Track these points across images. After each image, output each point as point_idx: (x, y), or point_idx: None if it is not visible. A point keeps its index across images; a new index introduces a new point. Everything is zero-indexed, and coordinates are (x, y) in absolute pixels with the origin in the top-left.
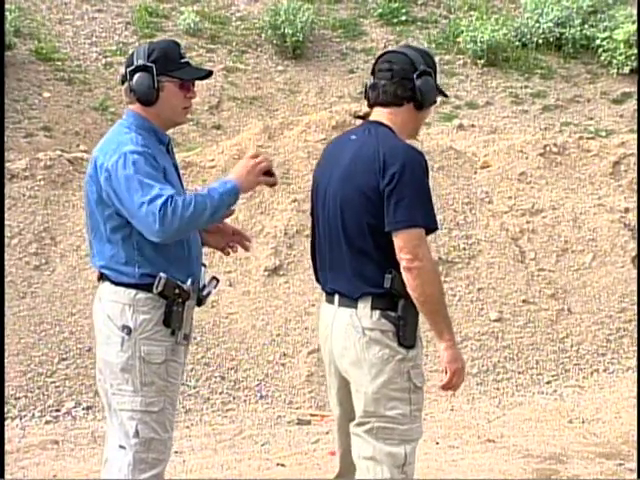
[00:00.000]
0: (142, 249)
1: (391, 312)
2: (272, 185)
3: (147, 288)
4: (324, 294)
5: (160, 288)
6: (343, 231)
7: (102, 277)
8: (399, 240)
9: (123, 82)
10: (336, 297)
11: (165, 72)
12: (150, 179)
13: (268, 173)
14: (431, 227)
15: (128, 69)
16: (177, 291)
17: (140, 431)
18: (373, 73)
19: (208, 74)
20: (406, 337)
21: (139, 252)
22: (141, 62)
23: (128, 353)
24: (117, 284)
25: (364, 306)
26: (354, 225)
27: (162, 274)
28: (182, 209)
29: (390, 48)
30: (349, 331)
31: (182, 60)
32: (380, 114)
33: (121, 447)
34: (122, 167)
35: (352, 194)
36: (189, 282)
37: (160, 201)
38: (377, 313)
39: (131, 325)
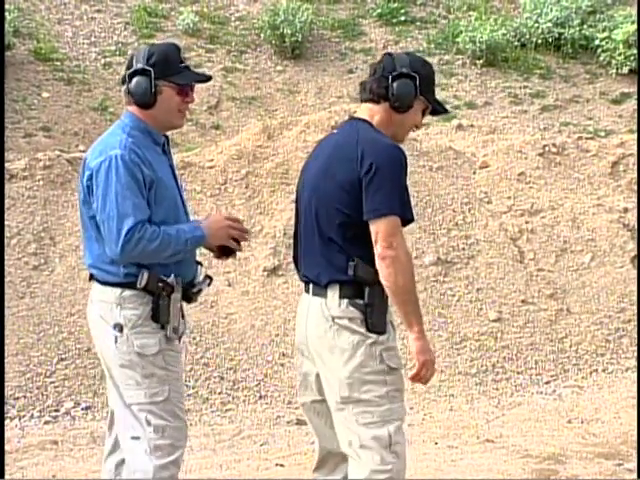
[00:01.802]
0: None
1: (358, 300)
2: (232, 253)
3: (132, 285)
4: (303, 284)
5: (144, 283)
6: (316, 220)
7: (91, 277)
8: (375, 228)
9: (123, 83)
10: (310, 286)
11: (163, 76)
12: (128, 192)
13: (237, 241)
14: (407, 217)
15: (127, 71)
16: (161, 284)
17: (151, 420)
18: None
19: (207, 79)
20: (374, 324)
21: None
22: (140, 65)
23: (123, 349)
24: (103, 283)
25: (333, 294)
26: (325, 214)
27: (144, 270)
28: (147, 241)
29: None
30: (320, 320)
31: (181, 64)
32: (362, 110)
33: (134, 438)
34: (104, 170)
35: (329, 187)
36: (172, 276)
37: (130, 223)
38: (345, 302)
39: (121, 322)
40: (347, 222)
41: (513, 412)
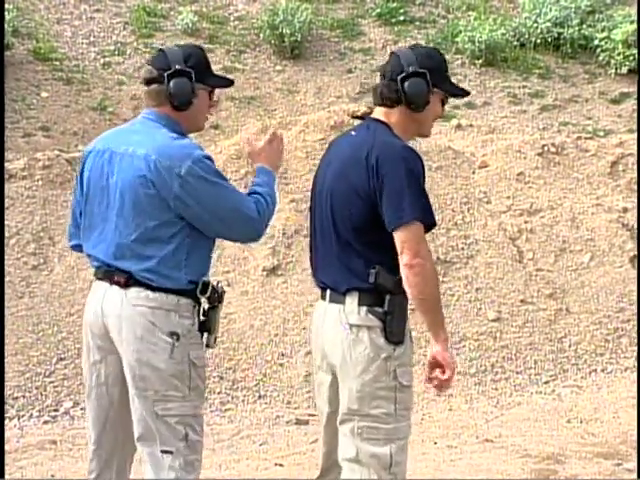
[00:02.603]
0: (191, 255)
1: (378, 308)
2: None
3: (189, 293)
4: (319, 290)
5: (208, 292)
6: (333, 225)
7: (130, 281)
8: (400, 237)
9: (149, 83)
10: (327, 293)
11: (201, 79)
12: (228, 183)
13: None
14: (430, 222)
15: (166, 72)
16: (216, 295)
17: (189, 434)
18: None
19: (232, 83)
20: (393, 333)
21: (188, 258)
22: (179, 67)
23: (178, 359)
24: (156, 289)
25: (351, 301)
26: (341, 218)
27: (209, 279)
28: (266, 208)
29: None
30: (337, 328)
31: (210, 68)
32: (378, 112)
33: (166, 452)
34: (202, 173)
35: (343, 189)
36: (220, 287)
37: (252, 204)
38: (364, 309)
39: (179, 331)
40: (362, 227)
41: (512, 412)
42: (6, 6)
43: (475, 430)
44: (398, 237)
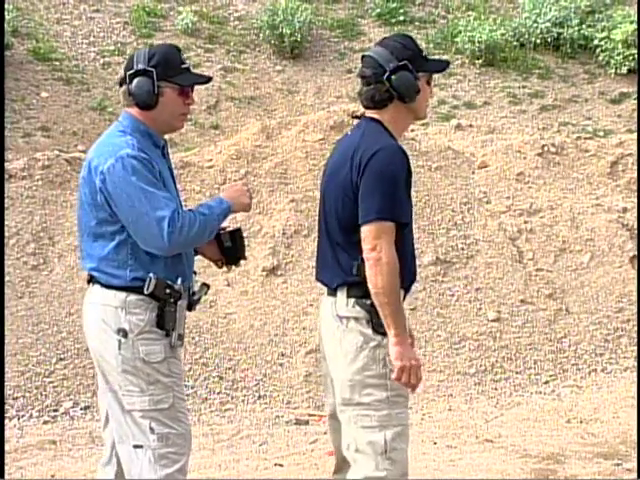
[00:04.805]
0: (136, 252)
1: (365, 299)
2: (236, 261)
3: (138, 290)
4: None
5: (151, 289)
6: (325, 224)
7: (92, 280)
8: (363, 231)
9: (121, 84)
10: (326, 288)
11: (165, 77)
12: (152, 187)
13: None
14: (401, 221)
15: (128, 72)
16: (168, 291)
17: (155, 428)
18: None
19: (207, 80)
20: (379, 323)
21: (132, 255)
22: (141, 66)
23: (127, 355)
24: (107, 287)
25: (342, 294)
26: (332, 218)
27: (152, 275)
28: (188, 227)
29: (368, 51)
30: (330, 320)
31: (182, 66)
32: (371, 112)
33: (137, 446)
34: (121, 171)
35: (333, 188)
36: (179, 282)
37: (167, 215)
38: (352, 301)
39: (126, 327)
40: (349, 226)
41: (512, 412)
42: (6, 6)
43: (475, 430)
44: (362, 230)
